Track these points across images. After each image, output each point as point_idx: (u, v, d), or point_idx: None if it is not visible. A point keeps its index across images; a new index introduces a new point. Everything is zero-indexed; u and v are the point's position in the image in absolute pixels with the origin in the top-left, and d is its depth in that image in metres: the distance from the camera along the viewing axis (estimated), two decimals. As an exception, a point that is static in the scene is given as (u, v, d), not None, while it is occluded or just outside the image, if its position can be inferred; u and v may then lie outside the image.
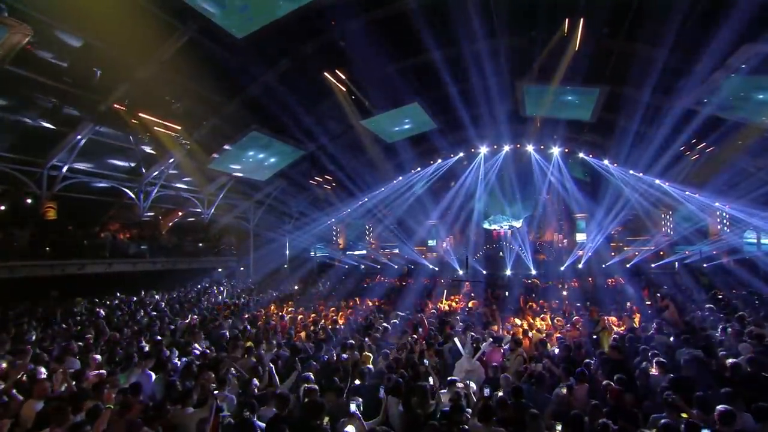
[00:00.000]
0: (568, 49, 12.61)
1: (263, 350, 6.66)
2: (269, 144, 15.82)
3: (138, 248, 14.16)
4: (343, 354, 6.42)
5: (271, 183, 19.42)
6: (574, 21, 11.84)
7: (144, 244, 14.83)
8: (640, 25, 11.68)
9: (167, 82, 11.35)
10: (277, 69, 13.29)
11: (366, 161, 19.58)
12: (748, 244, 19.29)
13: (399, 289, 15.37)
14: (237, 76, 13.09)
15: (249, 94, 13.91)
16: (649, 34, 11.73)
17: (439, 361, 6.54)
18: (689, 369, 5.45)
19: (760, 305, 9.99)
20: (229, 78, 13.00)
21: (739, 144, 13.74)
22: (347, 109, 15.53)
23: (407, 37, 12.95)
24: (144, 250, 14.39)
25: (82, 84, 10.08)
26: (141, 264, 14.29)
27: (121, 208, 14.93)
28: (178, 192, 16.63)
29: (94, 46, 9.33)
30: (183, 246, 17.04)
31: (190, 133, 13.78)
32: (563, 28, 12.02)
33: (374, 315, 10.00)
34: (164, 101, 11.93)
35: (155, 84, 11.09)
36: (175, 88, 11.81)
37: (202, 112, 13.74)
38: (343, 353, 6.49)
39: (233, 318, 9.53)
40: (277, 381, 5.51)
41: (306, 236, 22.94)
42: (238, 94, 13.83)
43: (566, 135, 18.31)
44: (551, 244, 22.27)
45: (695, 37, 10.92)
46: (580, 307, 10.42)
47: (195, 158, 14.85)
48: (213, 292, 14.39)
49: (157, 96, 11.48)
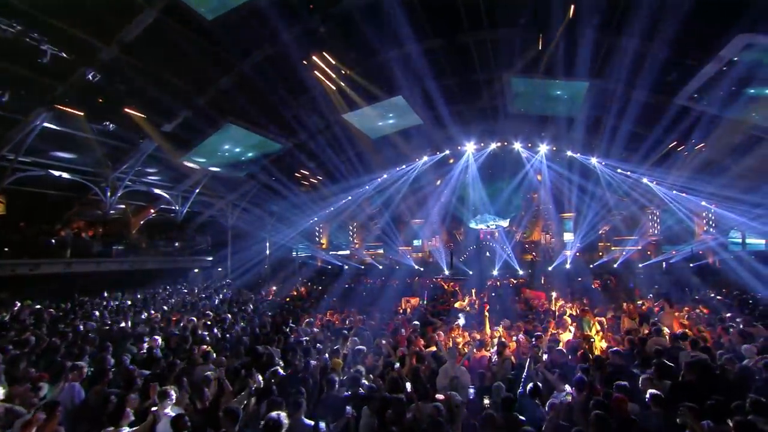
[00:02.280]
0: (556, 40, 12.22)
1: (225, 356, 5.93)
2: (246, 137, 15.06)
3: (102, 247, 13.19)
4: (310, 360, 5.72)
5: (250, 179, 18.60)
6: (563, 11, 11.45)
7: (110, 242, 13.87)
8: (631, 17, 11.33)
9: (131, 68, 10.51)
10: (254, 57, 12.55)
11: (350, 158, 18.92)
12: (733, 243, 19.31)
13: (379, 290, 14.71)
14: (211, 64, 12.33)
15: (224, 84, 13.12)
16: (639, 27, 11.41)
17: (420, 366, 5.90)
18: (691, 373, 4.94)
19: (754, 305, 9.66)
20: (203, 66, 12.24)
21: (726, 142, 13.59)
22: (330, 102, 14.87)
23: (389, 27, 12.39)
24: (109, 248, 13.42)
25: (34, 65, 9.18)
26: (106, 264, 13.33)
27: (86, 205, 13.94)
28: (150, 188, 15.69)
29: (41, 20, 8.46)
30: (154, 245, 16.09)
31: (160, 124, 12.93)
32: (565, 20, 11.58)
33: (354, 317, 9.32)
34: (129, 89, 11.06)
35: (118, 69, 10.27)
36: (141, 75, 10.97)
37: (173, 103, 12.89)
38: (309, 358, 5.80)
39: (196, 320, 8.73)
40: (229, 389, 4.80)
41: (288, 235, 22.14)
42: (212, 83, 13.04)
43: (554, 132, 17.97)
44: (538, 244, 21.94)
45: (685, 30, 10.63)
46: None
47: (166, 152, 13.98)
48: (183, 293, 13.49)
49: (119, 83, 10.61)
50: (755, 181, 14.81)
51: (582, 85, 13.08)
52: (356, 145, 17.85)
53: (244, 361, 5.86)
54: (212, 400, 4.52)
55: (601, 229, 20.57)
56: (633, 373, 5.09)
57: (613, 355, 5.39)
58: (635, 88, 13.13)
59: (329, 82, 13.89)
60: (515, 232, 21.91)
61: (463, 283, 15.61)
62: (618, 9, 11.06)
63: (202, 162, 15.63)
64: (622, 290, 12.87)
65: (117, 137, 12.40)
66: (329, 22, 11.87)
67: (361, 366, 5.68)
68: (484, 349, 6.56)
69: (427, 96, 15.44)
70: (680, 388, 4.75)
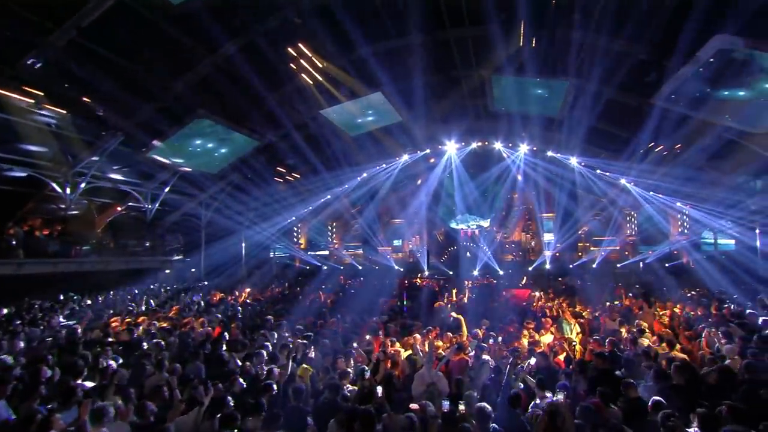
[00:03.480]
0: (535, 39, 12.12)
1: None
2: (220, 132, 14.39)
3: (60, 246, 12.31)
4: (273, 367, 5.25)
5: (225, 177, 17.89)
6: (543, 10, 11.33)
7: (71, 241, 12.98)
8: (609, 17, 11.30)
9: (90, 55, 9.79)
10: (227, 48, 11.98)
11: (329, 155, 18.43)
12: (706, 244, 19.74)
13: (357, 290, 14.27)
14: (181, 54, 11.70)
15: (194, 76, 12.48)
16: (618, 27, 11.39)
17: (393, 372, 5.52)
18: (679, 377, 4.73)
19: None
20: (171, 56, 11.59)
21: (699, 144, 13.77)
22: (308, 98, 14.39)
23: (369, 20, 12.04)
24: (68, 248, 12.54)
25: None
26: (64, 264, 12.44)
27: (42, 201, 13.01)
28: (116, 184, 14.83)
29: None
30: (120, 244, 15.22)
31: (126, 117, 12.19)
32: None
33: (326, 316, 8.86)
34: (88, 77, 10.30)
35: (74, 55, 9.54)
36: (102, 63, 10.24)
37: (138, 94, 12.16)
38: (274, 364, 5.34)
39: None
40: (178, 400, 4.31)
41: (265, 235, 21.46)
42: (182, 75, 12.37)
43: (535, 132, 17.94)
44: (519, 244, 21.94)
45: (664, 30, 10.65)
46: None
47: (133, 146, 13.22)
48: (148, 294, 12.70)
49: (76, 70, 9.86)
50: (727, 182, 15.12)
51: (562, 84, 13.00)
52: (335, 143, 17.39)
53: (198, 369, 5.36)
54: (157, 414, 4.03)
55: (580, 230, 20.72)
56: (617, 376, 4.85)
57: (597, 359, 5.14)
58: (614, 89, 13.17)
59: (306, 76, 13.43)
60: (496, 233, 21.85)
61: (444, 283, 15.36)
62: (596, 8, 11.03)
63: (172, 158, 14.88)
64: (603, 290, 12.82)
65: (77, 129, 11.59)
66: (305, 13, 11.43)
67: (333, 372, 5.26)
68: (463, 353, 6.24)
69: (408, 93, 15.15)
70: (671, 391, 4.53)
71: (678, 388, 4.55)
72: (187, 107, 12.80)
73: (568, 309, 9.03)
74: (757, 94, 11.20)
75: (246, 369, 5.52)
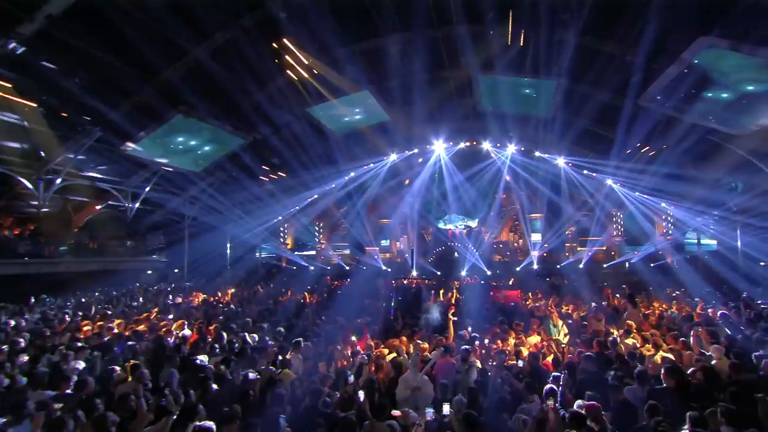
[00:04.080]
0: (524, 39, 12.07)
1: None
2: (202, 130, 14.02)
3: (32, 246, 11.79)
4: (249, 372, 4.98)
5: (209, 175, 17.48)
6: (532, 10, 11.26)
7: (45, 241, 12.46)
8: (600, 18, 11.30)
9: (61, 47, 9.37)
10: (210, 42, 11.64)
11: (316, 154, 18.13)
12: (689, 244, 20.04)
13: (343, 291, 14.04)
14: (161, 48, 11.28)
15: (177, 70, 12.09)
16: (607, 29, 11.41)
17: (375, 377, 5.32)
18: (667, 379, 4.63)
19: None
20: (151, 50, 11.16)
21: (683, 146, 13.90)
22: (294, 95, 14.09)
23: (358, 17, 11.84)
24: (41, 248, 12.03)
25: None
26: (35, 265, 11.92)
27: (13, 199, 12.47)
28: (93, 182, 14.32)
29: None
30: (99, 244, 14.71)
31: (102, 113, 11.73)
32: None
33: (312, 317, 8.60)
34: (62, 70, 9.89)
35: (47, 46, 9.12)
36: (74, 55, 9.82)
37: (118, 89, 11.73)
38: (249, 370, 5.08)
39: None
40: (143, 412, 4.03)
41: (251, 234, 21.06)
42: (162, 70, 11.97)
43: (523, 132, 17.94)
44: (507, 245, 21.95)
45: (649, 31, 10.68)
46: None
47: (111, 142, 12.77)
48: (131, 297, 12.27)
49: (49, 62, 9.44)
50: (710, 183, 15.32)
51: (550, 84, 12.97)
52: (322, 141, 17.13)
53: (172, 375, 5.08)
54: (121, 425, 3.75)
55: (567, 230, 20.81)
56: (605, 378, 4.74)
57: (585, 361, 5.01)
58: (601, 89, 13.22)
59: (292, 73, 13.15)
60: (484, 233, 21.82)
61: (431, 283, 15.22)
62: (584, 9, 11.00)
63: (153, 155, 14.45)
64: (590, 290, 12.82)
65: (50, 124, 11.11)
66: (291, 8, 11.15)
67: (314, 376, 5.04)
68: (450, 355, 6.07)
69: (395, 92, 14.98)
70: (659, 394, 4.42)
71: (664, 391, 4.45)
72: (168, 103, 12.43)
73: (555, 310, 8.94)
74: (738, 96, 11.34)
75: (222, 374, 5.26)
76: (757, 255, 15.89)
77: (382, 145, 19.27)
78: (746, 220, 15.83)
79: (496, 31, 12.25)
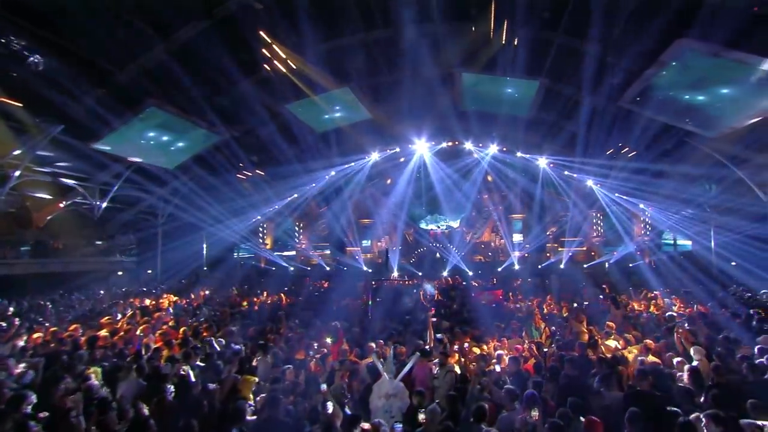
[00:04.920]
0: (506, 37, 11.96)
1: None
2: (175, 125, 13.41)
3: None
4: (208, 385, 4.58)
5: (185, 173, 16.80)
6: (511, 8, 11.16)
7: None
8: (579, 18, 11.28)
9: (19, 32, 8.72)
10: (184, 33, 11.08)
11: (295, 152, 17.67)
12: (666, 244, 20.42)
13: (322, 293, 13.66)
14: (134, 35, 10.67)
15: (148, 61, 11.48)
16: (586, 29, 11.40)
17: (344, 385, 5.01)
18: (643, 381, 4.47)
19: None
20: (122, 37, 10.54)
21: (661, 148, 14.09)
22: (273, 91, 13.64)
23: (338, 12, 11.53)
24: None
25: None
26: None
27: (-33, 195, 11.64)
28: (56, 179, 13.54)
29: None
30: (62, 244, 13.92)
31: (66, 103, 11.04)
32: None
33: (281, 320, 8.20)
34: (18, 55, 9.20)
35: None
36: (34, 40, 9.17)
37: (83, 79, 11.05)
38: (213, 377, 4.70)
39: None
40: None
41: (228, 234, 20.41)
42: (134, 59, 11.35)
43: (504, 132, 17.92)
44: (488, 245, 21.93)
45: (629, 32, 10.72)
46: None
47: (76, 136, 12.05)
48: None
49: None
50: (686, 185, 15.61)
51: (533, 84, 12.92)
52: (302, 139, 16.69)
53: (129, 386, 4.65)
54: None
55: (548, 231, 20.93)
56: (587, 383, 4.55)
57: (568, 365, 4.81)
58: (581, 90, 13.24)
59: (270, 68, 12.71)
60: (466, 233, 21.74)
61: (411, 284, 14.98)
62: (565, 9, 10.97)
63: (122, 151, 13.75)
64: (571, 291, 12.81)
65: (5, 115, 10.37)
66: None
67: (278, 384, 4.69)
68: (428, 359, 5.80)
69: (377, 90, 14.71)
70: (634, 397, 4.26)
71: (641, 395, 4.28)
72: (138, 96, 11.81)
73: (538, 311, 8.81)
74: (714, 98, 11.51)
75: (186, 383, 4.85)
76: (729, 255, 16.24)
77: (364, 144, 18.97)
78: (720, 218, 16.16)
79: (478, 29, 12.12)
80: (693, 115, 12.37)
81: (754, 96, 10.45)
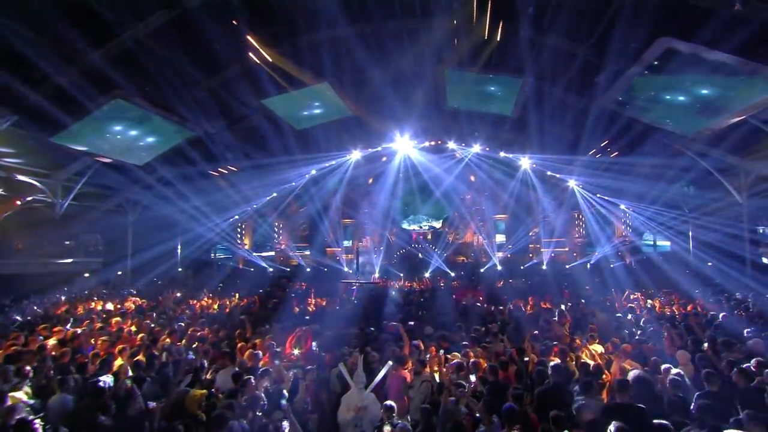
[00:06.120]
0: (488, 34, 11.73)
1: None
2: (144, 119, 12.69)
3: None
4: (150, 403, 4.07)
5: (156, 169, 16.00)
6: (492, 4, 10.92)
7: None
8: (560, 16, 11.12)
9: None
10: (154, 19, 10.42)
11: (274, 150, 17.08)
12: (646, 245, 20.59)
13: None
14: (99, 19, 9.96)
15: (115, 48, 10.75)
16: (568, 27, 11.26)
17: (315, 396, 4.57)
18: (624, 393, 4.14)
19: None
20: (86, 21, 9.82)
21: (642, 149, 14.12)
22: (249, 85, 13.07)
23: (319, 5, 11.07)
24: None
25: None
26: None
27: None
28: (11, 174, 12.66)
29: None
30: (20, 245, 13.04)
31: (20, 94, 10.25)
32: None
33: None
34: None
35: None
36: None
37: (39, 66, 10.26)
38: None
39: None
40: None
41: (204, 234, 19.65)
42: (98, 45, 10.60)
43: (487, 131, 17.73)
44: (471, 246, 21.74)
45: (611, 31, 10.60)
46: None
47: (32, 128, 11.25)
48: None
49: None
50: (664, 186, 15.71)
51: (516, 82, 12.72)
52: (280, 136, 16.12)
53: (63, 401, 4.10)
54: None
55: (531, 231, 20.87)
56: (570, 392, 4.22)
57: (553, 372, 4.46)
58: (565, 89, 13.14)
59: (247, 60, 12.15)
60: (448, 233, 21.51)
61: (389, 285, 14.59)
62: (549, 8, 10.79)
63: (86, 145, 12.95)
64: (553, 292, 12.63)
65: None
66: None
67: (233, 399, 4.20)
68: (402, 367, 5.40)
69: (358, 86, 14.27)
70: (613, 411, 3.93)
71: (620, 407, 3.96)
72: (102, 86, 11.08)
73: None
74: (694, 99, 11.52)
75: (130, 398, 4.32)
76: (705, 256, 16.40)
77: (345, 142, 18.49)
78: (696, 220, 16.32)
79: (462, 25, 11.85)
80: (673, 115, 12.42)
81: (732, 96, 10.47)
